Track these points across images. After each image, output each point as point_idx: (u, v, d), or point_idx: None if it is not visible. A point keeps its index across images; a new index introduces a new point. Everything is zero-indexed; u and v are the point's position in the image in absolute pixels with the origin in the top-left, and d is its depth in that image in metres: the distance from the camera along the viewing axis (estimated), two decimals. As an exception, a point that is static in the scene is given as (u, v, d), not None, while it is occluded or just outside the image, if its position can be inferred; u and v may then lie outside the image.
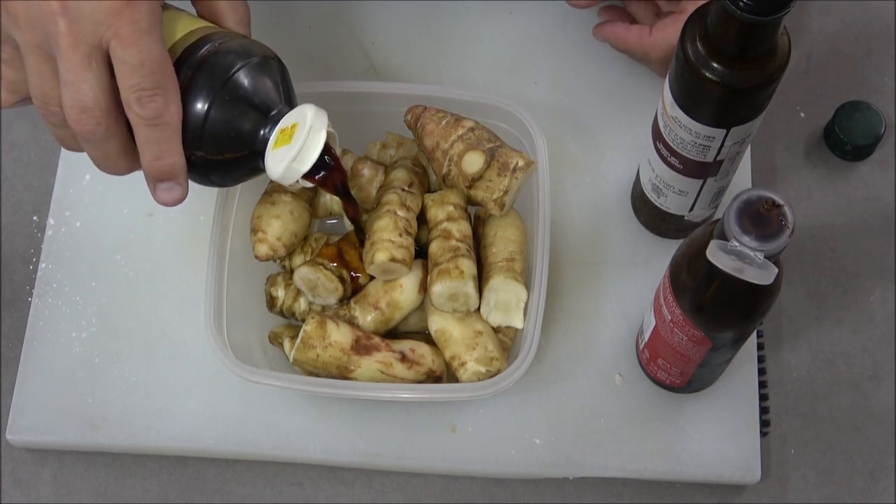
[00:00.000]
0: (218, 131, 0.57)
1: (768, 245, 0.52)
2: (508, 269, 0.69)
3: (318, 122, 0.58)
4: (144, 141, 0.56)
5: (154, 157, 0.56)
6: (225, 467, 0.74)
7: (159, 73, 0.54)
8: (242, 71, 0.57)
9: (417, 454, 0.72)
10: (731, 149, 0.64)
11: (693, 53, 0.59)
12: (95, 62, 0.53)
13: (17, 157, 0.83)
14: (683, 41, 0.60)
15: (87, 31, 0.53)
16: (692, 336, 0.63)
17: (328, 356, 0.67)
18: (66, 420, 0.73)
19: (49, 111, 0.56)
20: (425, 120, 0.71)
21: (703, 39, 0.59)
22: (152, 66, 0.54)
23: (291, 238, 0.72)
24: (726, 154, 0.64)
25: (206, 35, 0.58)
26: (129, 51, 0.53)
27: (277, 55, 0.61)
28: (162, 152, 0.56)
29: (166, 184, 0.58)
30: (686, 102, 0.61)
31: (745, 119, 0.61)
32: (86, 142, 0.56)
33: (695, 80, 0.59)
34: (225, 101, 0.56)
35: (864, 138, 0.80)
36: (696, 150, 0.64)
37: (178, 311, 0.76)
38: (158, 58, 0.54)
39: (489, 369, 0.68)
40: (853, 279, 0.78)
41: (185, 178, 0.58)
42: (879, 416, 0.75)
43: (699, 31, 0.59)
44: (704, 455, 0.72)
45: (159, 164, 0.56)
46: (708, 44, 0.58)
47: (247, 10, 0.62)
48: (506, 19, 0.85)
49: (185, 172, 0.58)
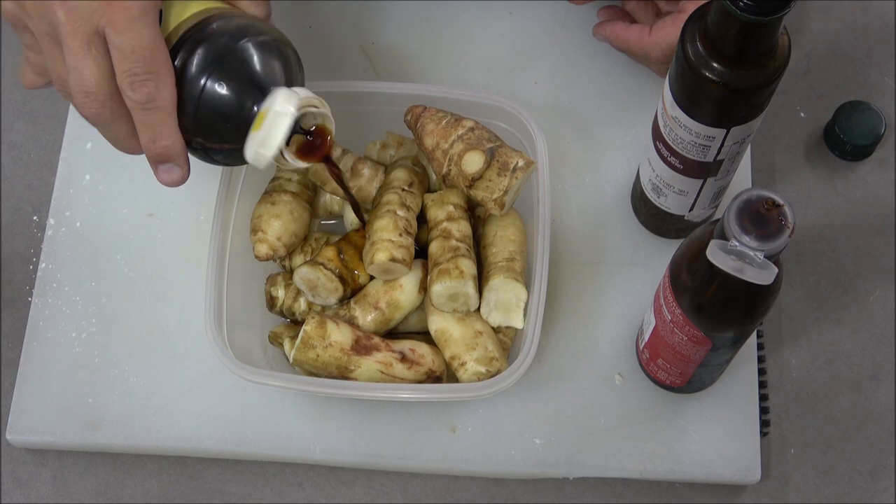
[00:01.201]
0: (209, 115, 0.58)
1: (768, 245, 0.52)
2: (508, 269, 0.69)
3: (283, 107, 0.58)
4: (140, 124, 0.57)
5: (150, 139, 0.58)
6: (225, 467, 0.74)
7: (150, 59, 0.55)
8: (231, 53, 0.58)
9: (417, 454, 0.72)
10: (730, 148, 0.64)
11: (693, 53, 0.59)
12: (95, 48, 0.55)
13: (17, 157, 0.83)
14: (683, 41, 0.60)
15: (84, 18, 0.55)
16: (692, 336, 0.63)
17: (328, 356, 0.67)
18: (66, 420, 0.73)
19: (66, 93, 0.58)
20: (425, 120, 0.71)
21: (703, 39, 0.59)
22: (143, 51, 0.55)
23: (291, 238, 0.72)
24: (726, 153, 0.64)
25: (208, 17, 0.59)
26: (121, 37, 0.55)
27: (284, 38, 0.61)
28: (157, 135, 0.58)
29: (166, 165, 0.60)
30: (686, 102, 0.61)
31: (745, 119, 0.61)
32: (94, 124, 0.58)
33: (695, 80, 0.59)
34: (213, 84, 0.57)
35: (864, 138, 0.80)
36: (697, 150, 0.64)
37: (178, 311, 0.76)
38: (150, 43, 0.55)
39: (489, 369, 0.68)
40: (853, 279, 0.78)
41: (184, 159, 0.60)
42: (879, 416, 0.75)
43: (699, 30, 0.59)
44: (704, 455, 0.72)
45: (156, 146, 0.58)
46: (708, 44, 0.58)
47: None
48: (506, 19, 0.85)
49: (183, 153, 0.59)
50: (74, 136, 0.82)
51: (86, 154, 0.81)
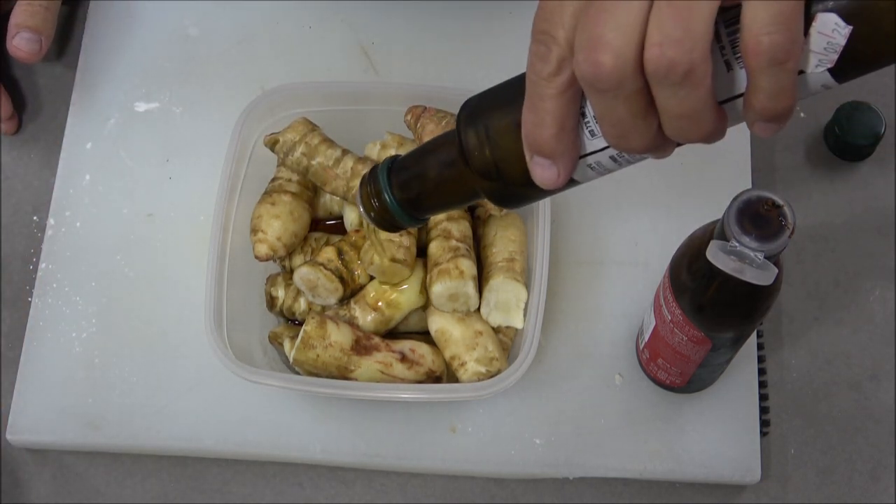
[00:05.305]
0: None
1: (768, 245, 0.52)
2: (508, 269, 0.69)
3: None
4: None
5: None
6: (225, 467, 0.74)
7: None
8: None
9: (417, 454, 0.72)
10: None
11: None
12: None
13: (17, 157, 0.83)
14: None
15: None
16: (692, 336, 0.63)
17: (328, 356, 0.67)
18: (66, 420, 0.73)
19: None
20: (425, 120, 0.71)
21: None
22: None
23: (291, 238, 0.72)
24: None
25: None
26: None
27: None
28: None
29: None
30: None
31: None
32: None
33: None
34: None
35: (864, 138, 0.80)
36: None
37: (178, 311, 0.76)
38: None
39: (489, 369, 0.68)
40: (853, 279, 0.78)
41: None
42: (879, 416, 0.75)
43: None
44: (704, 455, 0.72)
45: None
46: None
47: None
48: (506, 19, 0.85)
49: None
50: (74, 136, 0.82)
51: (86, 154, 0.81)
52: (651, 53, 0.40)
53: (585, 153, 0.46)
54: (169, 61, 0.84)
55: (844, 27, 0.40)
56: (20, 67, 0.86)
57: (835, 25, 0.40)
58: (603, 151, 0.46)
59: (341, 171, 0.72)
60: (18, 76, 0.86)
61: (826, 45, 0.41)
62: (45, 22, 0.79)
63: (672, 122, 0.43)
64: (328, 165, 0.72)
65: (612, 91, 0.41)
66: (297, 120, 0.73)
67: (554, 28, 0.43)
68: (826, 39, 0.40)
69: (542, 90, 0.44)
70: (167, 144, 0.81)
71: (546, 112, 0.44)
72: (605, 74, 0.41)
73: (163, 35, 0.85)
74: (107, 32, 0.86)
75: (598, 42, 0.41)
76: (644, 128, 0.43)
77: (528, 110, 0.45)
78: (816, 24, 0.40)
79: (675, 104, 0.41)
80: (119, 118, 0.82)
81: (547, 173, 0.46)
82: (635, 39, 0.40)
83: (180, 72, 0.84)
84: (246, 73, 0.83)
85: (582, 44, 0.41)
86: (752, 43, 0.39)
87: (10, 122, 0.82)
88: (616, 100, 0.42)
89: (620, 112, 0.42)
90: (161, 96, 0.83)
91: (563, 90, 0.44)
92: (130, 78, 0.84)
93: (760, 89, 0.41)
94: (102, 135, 0.82)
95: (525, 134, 0.46)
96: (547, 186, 0.47)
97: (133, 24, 0.86)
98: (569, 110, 0.44)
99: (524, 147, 0.46)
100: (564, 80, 0.43)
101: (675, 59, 0.40)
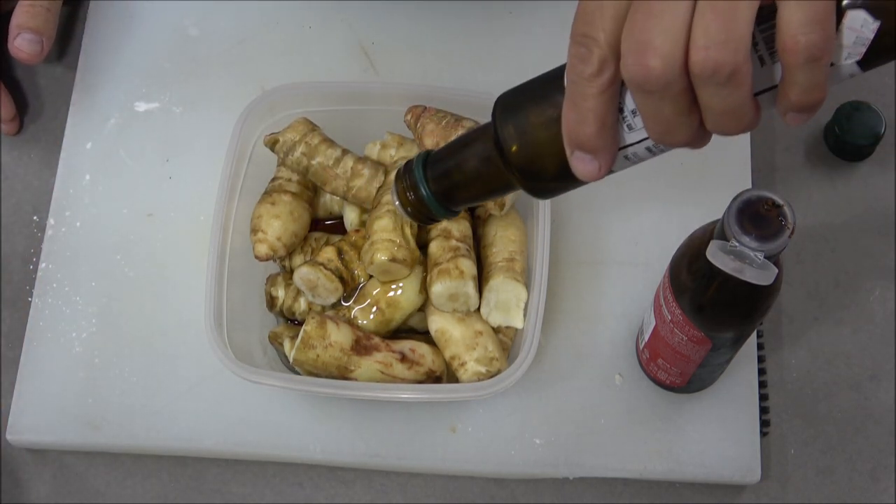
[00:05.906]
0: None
1: (768, 245, 0.52)
2: (508, 269, 0.69)
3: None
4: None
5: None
6: (225, 467, 0.74)
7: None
8: None
9: (417, 454, 0.72)
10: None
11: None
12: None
13: (17, 157, 0.83)
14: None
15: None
16: (692, 336, 0.63)
17: (328, 356, 0.67)
18: (66, 420, 0.73)
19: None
20: (425, 120, 0.71)
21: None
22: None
23: (291, 238, 0.72)
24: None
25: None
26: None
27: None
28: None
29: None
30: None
31: None
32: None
33: None
34: None
35: (864, 138, 0.80)
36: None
37: (178, 311, 0.76)
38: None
39: (489, 369, 0.68)
40: (853, 279, 0.78)
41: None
42: (879, 416, 0.75)
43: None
44: (704, 455, 0.72)
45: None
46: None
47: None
48: (506, 19, 0.85)
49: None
50: (74, 136, 0.82)
51: (86, 154, 0.81)
52: (697, 56, 0.42)
53: (623, 145, 0.48)
54: (169, 61, 0.84)
55: (873, 22, 0.42)
56: (21, 68, 0.86)
57: (864, 21, 0.42)
58: (640, 143, 0.48)
59: (341, 171, 0.72)
60: (19, 77, 0.86)
61: (855, 40, 0.43)
62: (47, 23, 0.79)
63: (715, 117, 0.44)
64: (328, 165, 0.72)
65: (659, 92, 0.43)
66: (297, 120, 0.73)
67: (594, 31, 0.44)
68: (855, 34, 0.42)
69: (584, 90, 0.45)
70: (167, 144, 0.81)
71: (588, 110, 0.46)
72: (654, 77, 0.42)
73: (163, 35, 0.85)
74: (107, 32, 0.86)
75: (647, 46, 0.42)
76: (687, 124, 0.45)
77: (570, 109, 0.47)
78: (846, 20, 0.42)
79: (718, 102, 0.43)
80: (119, 118, 0.82)
81: (589, 167, 0.48)
82: (681, 43, 0.42)
83: (180, 72, 0.84)
84: (246, 73, 0.83)
85: (630, 48, 0.43)
86: (790, 42, 0.41)
87: (12, 123, 0.82)
88: (663, 100, 0.44)
89: (666, 111, 0.44)
90: (161, 96, 0.83)
91: (604, 89, 0.45)
92: (130, 78, 0.84)
93: (796, 83, 0.43)
94: (102, 135, 0.82)
95: (567, 131, 0.47)
96: (588, 179, 0.49)
97: (133, 24, 0.86)
98: (609, 108, 0.46)
99: (565, 143, 0.48)
100: (605, 80, 0.45)
101: (721, 60, 0.41)
